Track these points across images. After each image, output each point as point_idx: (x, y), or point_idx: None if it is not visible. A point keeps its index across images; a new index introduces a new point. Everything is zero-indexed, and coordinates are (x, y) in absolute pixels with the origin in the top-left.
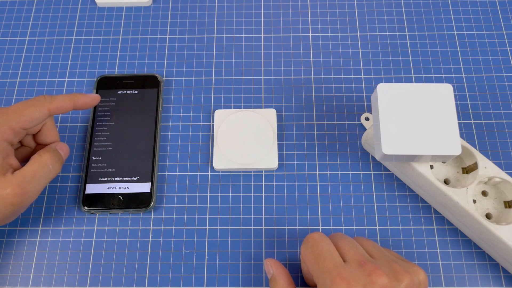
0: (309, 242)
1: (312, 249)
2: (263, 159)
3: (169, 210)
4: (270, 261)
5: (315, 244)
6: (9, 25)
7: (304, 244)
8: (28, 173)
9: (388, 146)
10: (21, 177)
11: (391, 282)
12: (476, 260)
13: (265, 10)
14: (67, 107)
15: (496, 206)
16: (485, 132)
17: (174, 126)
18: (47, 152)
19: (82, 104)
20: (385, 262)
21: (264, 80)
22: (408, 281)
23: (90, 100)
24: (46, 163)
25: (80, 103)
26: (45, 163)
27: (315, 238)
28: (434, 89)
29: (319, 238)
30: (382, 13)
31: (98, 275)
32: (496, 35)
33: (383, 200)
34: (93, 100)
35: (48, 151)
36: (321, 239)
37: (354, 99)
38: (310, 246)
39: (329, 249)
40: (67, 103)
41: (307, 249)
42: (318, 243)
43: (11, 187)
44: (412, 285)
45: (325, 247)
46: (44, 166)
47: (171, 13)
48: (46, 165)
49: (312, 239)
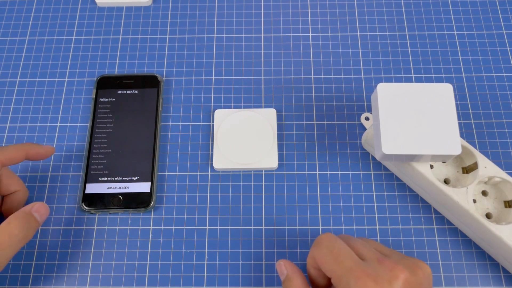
0: (323, 243)
1: (328, 250)
2: (263, 159)
3: (169, 209)
4: (284, 262)
5: (330, 244)
6: (9, 25)
7: (317, 246)
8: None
9: (388, 146)
10: None
11: (411, 276)
12: (476, 260)
13: (265, 10)
14: (19, 157)
15: (496, 206)
16: (485, 132)
17: (174, 126)
18: (15, 220)
19: (34, 155)
20: (397, 258)
21: (264, 80)
22: (421, 274)
23: (43, 151)
24: (15, 233)
25: (32, 153)
26: (12, 233)
27: (329, 239)
28: (434, 89)
29: (333, 238)
30: (382, 13)
31: (98, 275)
32: (496, 35)
33: (383, 200)
34: (47, 152)
35: (17, 218)
36: (335, 239)
37: (354, 99)
38: (325, 246)
39: (346, 248)
40: (18, 154)
41: (321, 250)
42: (334, 243)
43: None
44: (424, 277)
45: (342, 246)
46: (11, 236)
47: (171, 13)
48: (14, 235)
49: (326, 240)
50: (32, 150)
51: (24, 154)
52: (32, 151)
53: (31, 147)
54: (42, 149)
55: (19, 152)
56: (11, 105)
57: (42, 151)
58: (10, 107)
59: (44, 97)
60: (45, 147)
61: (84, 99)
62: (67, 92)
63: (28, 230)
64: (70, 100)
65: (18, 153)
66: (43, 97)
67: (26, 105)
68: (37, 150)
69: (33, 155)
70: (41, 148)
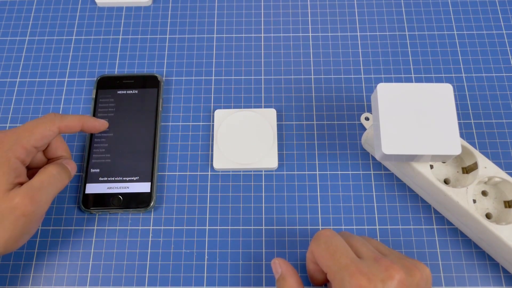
0: (322, 238)
1: (326, 245)
2: (263, 159)
3: (169, 210)
4: (279, 260)
5: (328, 240)
6: (9, 25)
7: (315, 241)
8: (36, 183)
9: (388, 146)
10: (29, 186)
11: (406, 277)
12: (476, 260)
13: (265, 10)
14: (76, 127)
15: (496, 206)
16: (485, 132)
17: (174, 126)
18: (53, 165)
19: (90, 127)
20: (396, 258)
21: (264, 80)
22: (419, 276)
23: (98, 124)
24: (53, 173)
25: (88, 126)
26: (51, 173)
27: (328, 235)
28: (434, 89)
29: (332, 234)
30: (382, 13)
31: (98, 275)
32: (496, 35)
33: (383, 200)
34: (101, 125)
35: (54, 164)
36: (334, 235)
37: (354, 99)
38: (323, 242)
39: (344, 245)
40: (76, 124)
41: (319, 246)
42: (332, 239)
43: (19, 196)
44: (422, 280)
45: (340, 243)
46: (50, 175)
47: (171, 13)
48: (52, 175)
49: (324, 236)
50: (89, 122)
51: (80, 125)
52: (88, 123)
53: (88, 119)
54: (97, 122)
55: (77, 122)
56: (11, 105)
57: (97, 124)
58: (10, 107)
59: (44, 97)
60: (101, 121)
61: (84, 99)
62: (67, 92)
63: (64, 175)
64: (70, 100)
65: (76, 123)
66: (43, 97)
67: (26, 105)
68: (93, 123)
69: (89, 127)
70: (97, 122)
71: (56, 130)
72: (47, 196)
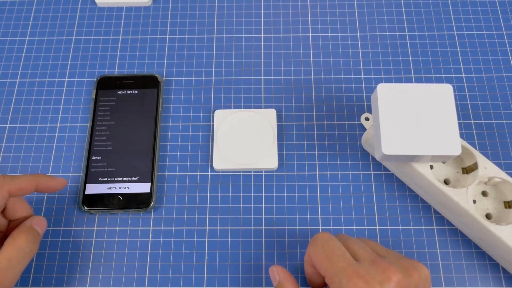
0: (319, 241)
1: (323, 249)
2: (263, 159)
3: (169, 210)
4: (277, 268)
5: (325, 243)
6: (9, 25)
7: (312, 244)
8: (3, 261)
9: (388, 146)
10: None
11: (404, 278)
12: (476, 260)
13: (265, 10)
14: (29, 188)
15: (496, 206)
16: (485, 132)
17: (174, 126)
18: (21, 234)
19: (45, 187)
20: (393, 259)
21: (264, 80)
22: (417, 276)
23: (54, 183)
24: (22, 246)
25: (43, 186)
26: (20, 247)
27: (325, 238)
28: (434, 89)
29: (329, 237)
30: (382, 13)
31: (98, 275)
32: (496, 35)
33: (383, 200)
34: (58, 184)
35: (22, 232)
36: (331, 238)
37: (354, 99)
38: (320, 245)
39: (341, 248)
40: (28, 185)
41: (317, 249)
42: (329, 242)
43: None
44: (420, 280)
45: (337, 246)
46: (19, 250)
47: (171, 13)
48: (21, 249)
49: (321, 239)
50: (44, 182)
51: (34, 185)
52: (43, 184)
53: (42, 179)
54: (54, 182)
55: (30, 182)
56: (11, 105)
57: (54, 184)
58: (10, 107)
59: (44, 97)
60: (57, 180)
61: (84, 100)
62: (67, 92)
63: (34, 243)
64: (70, 100)
65: (29, 184)
66: (43, 97)
67: (26, 105)
68: (48, 182)
69: (44, 187)
70: (53, 181)
71: (6, 194)
72: (15, 274)
